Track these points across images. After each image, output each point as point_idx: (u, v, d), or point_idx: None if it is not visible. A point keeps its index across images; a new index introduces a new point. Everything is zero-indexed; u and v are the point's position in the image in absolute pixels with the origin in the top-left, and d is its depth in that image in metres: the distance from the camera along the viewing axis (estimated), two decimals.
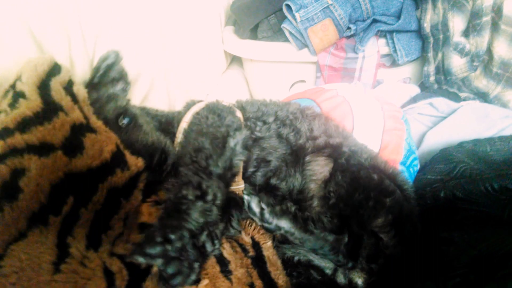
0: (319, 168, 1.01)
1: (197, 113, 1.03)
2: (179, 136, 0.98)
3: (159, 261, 0.64)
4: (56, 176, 0.68)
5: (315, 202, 0.98)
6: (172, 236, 0.66)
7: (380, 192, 0.91)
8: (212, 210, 0.75)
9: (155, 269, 0.72)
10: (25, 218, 0.62)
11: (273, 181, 0.98)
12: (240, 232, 0.94)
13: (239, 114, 1.06)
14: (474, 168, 1.12)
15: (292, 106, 1.14)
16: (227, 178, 0.85)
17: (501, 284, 0.68)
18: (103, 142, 0.78)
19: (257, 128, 1.01)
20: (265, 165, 0.98)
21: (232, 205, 0.93)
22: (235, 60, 2.20)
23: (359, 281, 0.88)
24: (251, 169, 0.98)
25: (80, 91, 0.84)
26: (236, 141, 0.89)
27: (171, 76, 1.55)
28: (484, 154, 1.19)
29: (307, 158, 1.02)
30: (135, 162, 0.82)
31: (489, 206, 0.95)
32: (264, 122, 1.04)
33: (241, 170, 0.95)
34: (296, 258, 0.98)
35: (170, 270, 0.66)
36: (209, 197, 0.75)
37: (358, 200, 0.90)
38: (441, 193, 1.05)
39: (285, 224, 0.87)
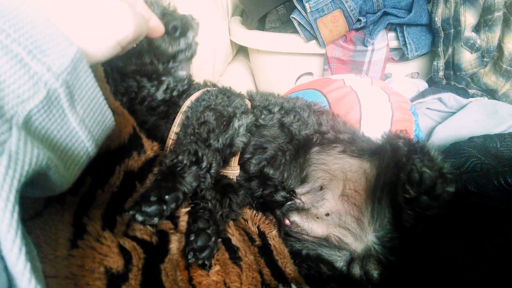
0: (332, 159, 0.99)
1: (208, 91, 1.03)
2: (179, 117, 0.97)
3: (155, 220, 0.66)
4: None
5: (328, 195, 0.96)
6: (167, 197, 0.68)
7: None
8: (206, 177, 0.78)
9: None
10: (42, 198, 0.60)
11: (267, 170, 0.98)
12: (240, 214, 0.94)
13: (247, 102, 1.06)
14: (485, 162, 1.11)
15: (299, 100, 1.13)
16: (225, 153, 0.86)
17: None
18: (121, 124, 0.76)
19: (262, 116, 1.02)
20: (261, 153, 0.98)
21: (229, 190, 0.93)
22: (241, 51, 2.19)
23: (375, 273, 0.86)
24: (246, 155, 0.97)
25: (98, 71, 0.82)
26: (241, 123, 0.90)
27: None
28: (495, 150, 1.18)
29: (316, 149, 1.01)
30: (151, 146, 0.81)
31: (502, 201, 0.94)
32: (270, 111, 1.04)
33: (238, 153, 0.95)
34: (304, 252, 0.97)
35: (200, 242, 0.72)
36: (204, 164, 0.77)
37: None
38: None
39: None
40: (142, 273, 0.62)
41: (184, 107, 0.97)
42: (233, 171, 0.95)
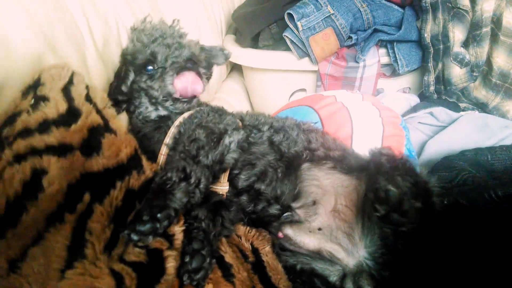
0: (323, 175, 1.00)
1: (200, 109, 1.06)
2: (172, 131, 1.00)
3: (150, 238, 0.68)
4: (73, 175, 0.68)
5: (321, 209, 0.97)
6: (159, 215, 0.69)
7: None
8: (195, 192, 0.79)
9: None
10: (44, 219, 0.62)
11: (258, 185, 0.98)
12: (233, 231, 0.95)
13: (239, 122, 1.08)
14: (477, 176, 1.13)
15: (289, 120, 1.15)
16: (214, 170, 0.88)
17: None
18: (121, 144, 0.79)
19: (252, 135, 1.03)
20: (249, 168, 0.99)
21: (221, 207, 0.93)
22: (235, 68, 2.21)
23: None
24: (235, 171, 0.98)
25: (98, 95, 0.87)
26: (232, 139, 0.92)
27: None
28: (486, 163, 1.19)
29: (306, 165, 1.02)
30: (150, 167, 0.84)
31: (493, 214, 0.94)
32: (259, 130, 1.06)
33: (228, 169, 0.96)
34: (298, 267, 0.97)
35: (195, 264, 0.73)
36: (192, 180, 0.78)
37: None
38: (445, 201, 1.04)
39: None
40: None
41: (177, 122, 1.00)
42: (223, 187, 0.96)
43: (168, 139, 0.97)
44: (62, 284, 0.57)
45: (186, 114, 1.03)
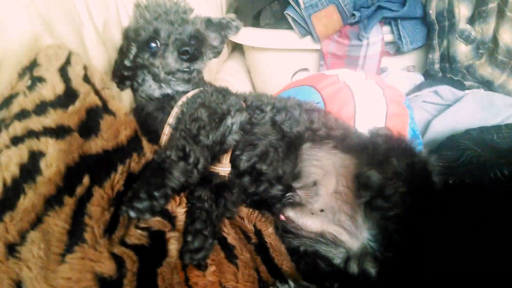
0: (325, 154, 0.99)
1: (204, 89, 1.05)
2: (175, 110, 0.99)
3: (147, 215, 0.69)
4: (71, 157, 0.67)
5: (322, 190, 0.96)
6: (156, 194, 0.70)
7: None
8: (193, 172, 0.79)
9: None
10: (43, 202, 0.61)
11: (259, 166, 0.98)
12: (236, 213, 0.94)
13: (242, 103, 1.07)
14: (482, 155, 1.11)
15: (291, 100, 1.14)
16: (214, 150, 0.87)
17: None
18: (120, 126, 0.78)
19: (254, 115, 1.03)
20: (251, 149, 0.98)
21: (223, 189, 0.93)
22: (236, 48, 2.18)
23: (372, 271, 0.86)
24: (237, 152, 0.98)
25: (96, 75, 0.84)
26: (234, 120, 0.92)
27: None
28: (491, 142, 1.18)
29: (307, 145, 1.01)
30: (151, 150, 0.83)
31: (498, 193, 0.93)
32: (262, 111, 1.05)
33: (230, 150, 0.96)
34: (302, 248, 0.96)
35: (197, 244, 0.73)
36: (191, 160, 0.78)
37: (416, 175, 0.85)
38: (449, 180, 1.03)
39: None
40: (137, 279, 0.62)
41: (180, 102, 0.99)
42: (224, 168, 0.95)
43: (171, 119, 0.97)
44: (62, 268, 0.56)
45: (189, 94, 1.02)
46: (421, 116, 1.49)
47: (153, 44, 1.03)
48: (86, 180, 0.67)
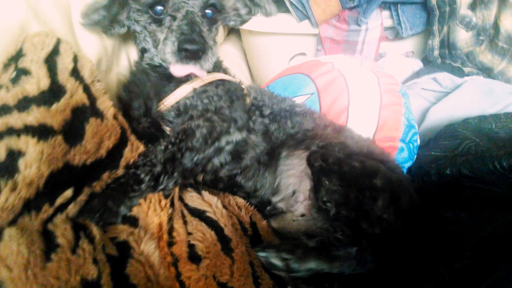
0: (298, 161, 0.99)
1: (215, 87, 0.98)
2: (181, 94, 0.93)
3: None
4: (55, 164, 0.65)
5: (301, 197, 0.97)
6: (107, 218, 0.70)
7: (367, 176, 0.87)
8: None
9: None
10: (21, 203, 0.58)
11: (239, 179, 0.97)
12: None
13: (248, 100, 1.05)
14: (480, 145, 1.10)
15: (287, 101, 1.13)
16: (194, 172, 0.86)
17: None
18: (105, 133, 0.75)
19: (253, 118, 1.01)
20: (236, 162, 0.96)
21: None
22: (233, 31, 2.14)
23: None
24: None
25: (86, 66, 0.81)
26: (230, 139, 0.89)
27: None
28: (490, 131, 1.16)
29: (284, 153, 1.01)
30: (132, 155, 0.81)
31: (497, 185, 0.93)
32: (261, 113, 1.04)
33: None
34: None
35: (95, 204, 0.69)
36: (160, 187, 0.77)
37: (356, 198, 0.85)
38: (447, 170, 1.02)
39: (313, 264, 0.80)
40: (111, 278, 0.61)
41: (190, 85, 0.94)
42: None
43: (173, 101, 0.93)
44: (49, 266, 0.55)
45: (198, 85, 0.94)
46: (420, 103, 1.47)
47: (160, 7, 0.89)
48: (68, 192, 0.65)
